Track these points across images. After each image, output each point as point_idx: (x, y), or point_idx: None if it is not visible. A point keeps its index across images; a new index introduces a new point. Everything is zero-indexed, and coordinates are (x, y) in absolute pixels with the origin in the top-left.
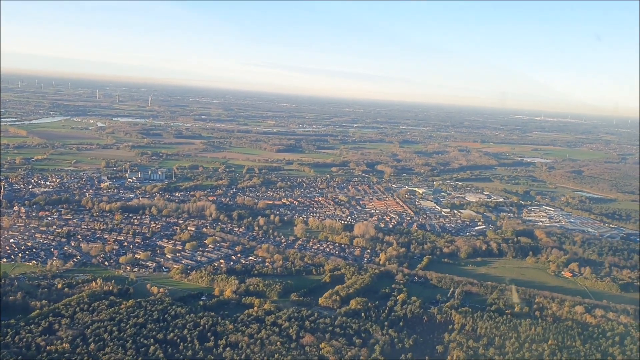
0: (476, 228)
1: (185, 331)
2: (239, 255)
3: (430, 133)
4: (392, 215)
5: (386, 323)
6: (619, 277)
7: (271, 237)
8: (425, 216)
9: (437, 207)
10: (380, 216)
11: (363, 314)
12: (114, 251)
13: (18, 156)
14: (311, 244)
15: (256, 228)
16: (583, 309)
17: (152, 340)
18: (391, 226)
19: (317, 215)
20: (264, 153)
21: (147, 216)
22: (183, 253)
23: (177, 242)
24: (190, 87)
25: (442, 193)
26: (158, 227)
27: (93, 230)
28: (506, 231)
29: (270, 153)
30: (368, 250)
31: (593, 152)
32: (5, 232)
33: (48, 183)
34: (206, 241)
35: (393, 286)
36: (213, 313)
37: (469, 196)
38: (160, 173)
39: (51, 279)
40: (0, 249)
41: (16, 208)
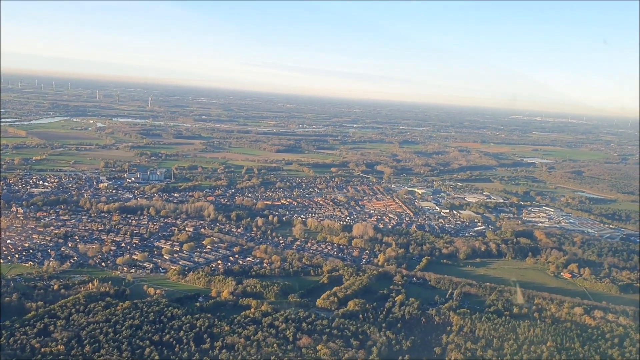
0: (475, 229)
1: (181, 333)
2: (237, 256)
3: (430, 133)
4: (391, 215)
5: (384, 324)
6: (619, 278)
7: (269, 238)
8: (424, 217)
9: (437, 208)
10: (379, 217)
11: (361, 316)
12: (111, 252)
13: (17, 157)
14: (309, 245)
15: (254, 229)
16: (582, 311)
17: (148, 342)
18: (390, 227)
19: (316, 215)
20: (264, 153)
21: (145, 217)
22: (180, 254)
23: (175, 243)
24: (190, 87)
25: (442, 193)
26: (156, 228)
27: (91, 231)
28: (505, 232)
29: (269, 153)
30: (367, 251)
31: (593, 153)
32: (2, 233)
33: (46, 183)
34: (204, 242)
35: (391, 287)
36: (210, 314)
37: (469, 197)
38: (159, 173)
39: (47, 280)
40: None
41: (14, 209)
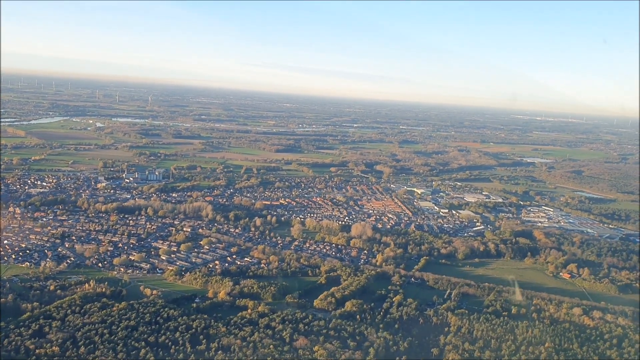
0: (474, 229)
1: (177, 334)
2: (235, 256)
3: (430, 133)
4: (390, 215)
5: (381, 325)
6: (618, 279)
7: (267, 238)
8: (423, 217)
9: (436, 208)
10: (378, 217)
11: (358, 316)
12: (109, 252)
13: (15, 157)
14: (308, 245)
15: (253, 229)
16: (581, 311)
17: (144, 343)
18: (389, 227)
19: (315, 215)
20: (263, 153)
21: (143, 217)
22: (178, 254)
23: (172, 243)
24: (190, 87)
25: (441, 193)
26: (153, 228)
27: (88, 231)
28: (504, 232)
29: (269, 153)
30: (365, 251)
31: (593, 152)
32: None
33: (44, 184)
34: (202, 242)
35: (389, 288)
36: (206, 315)
37: (468, 196)
38: (157, 173)
39: (44, 281)
40: None
41: (11, 209)
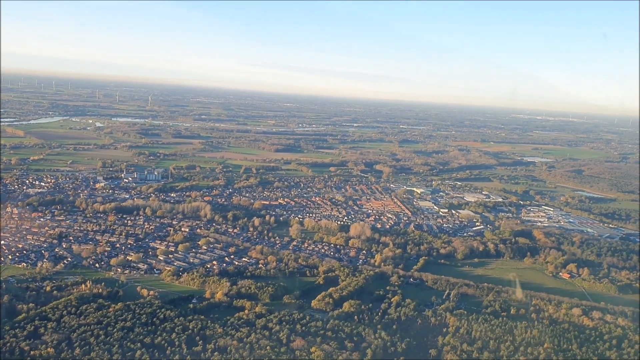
0: (474, 228)
1: (173, 335)
2: (233, 256)
3: (430, 132)
4: (389, 215)
5: (379, 326)
6: (618, 279)
7: (266, 238)
8: (422, 216)
9: (435, 207)
10: (377, 216)
11: (356, 317)
12: (106, 253)
13: (14, 157)
14: (306, 245)
15: (251, 229)
16: (580, 311)
17: (139, 344)
18: (388, 227)
19: (314, 215)
20: (263, 153)
21: (141, 217)
22: (176, 254)
23: (170, 244)
24: (190, 87)
25: (441, 193)
26: (151, 228)
27: (86, 231)
28: (504, 232)
29: (268, 153)
30: (364, 251)
31: (594, 151)
32: None
33: (43, 184)
34: (199, 242)
35: (388, 288)
36: (203, 316)
37: (468, 196)
38: (156, 173)
39: (40, 282)
40: None
41: (9, 209)
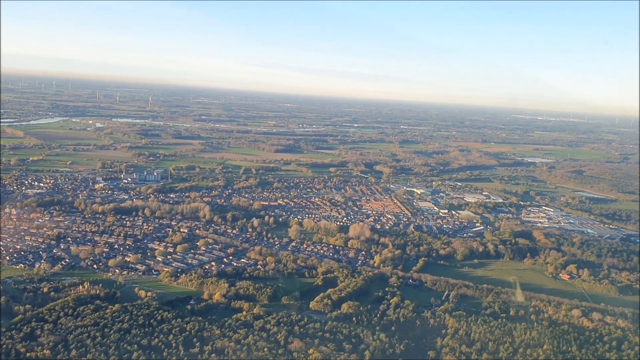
0: (474, 229)
1: (170, 337)
2: (231, 257)
3: (431, 133)
4: (389, 216)
5: (378, 328)
6: (618, 280)
7: (264, 239)
8: (422, 217)
9: (435, 208)
10: (376, 217)
11: (354, 319)
12: (104, 254)
13: (13, 157)
14: (305, 246)
15: (250, 230)
16: (580, 313)
17: (136, 346)
18: (387, 227)
19: (313, 216)
20: (262, 153)
21: (140, 218)
22: (174, 255)
23: (169, 245)
24: (191, 87)
25: (441, 193)
26: (150, 229)
27: (84, 232)
28: (504, 232)
29: (268, 153)
30: (363, 252)
31: (594, 152)
32: None
33: (41, 184)
34: (198, 243)
35: (387, 289)
36: (200, 318)
37: (468, 197)
38: (156, 174)
39: (37, 283)
40: None
41: (7, 210)
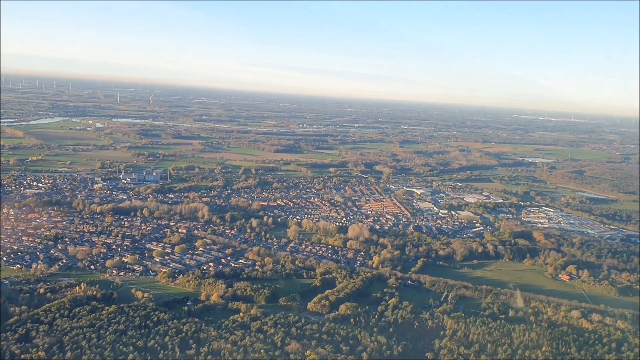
0: (473, 230)
1: (166, 338)
2: (229, 258)
3: (431, 133)
4: (388, 216)
5: (375, 329)
6: (618, 281)
7: (263, 240)
8: (422, 217)
9: (435, 208)
10: (375, 217)
11: (352, 320)
12: (101, 254)
13: (12, 157)
14: (304, 247)
15: (248, 230)
16: (579, 314)
17: (132, 347)
18: (386, 228)
19: (312, 216)
20: (262, 153)
21: (139, 218)
22: (172, 256)
23: (167, 245)
24: (191, 88)
25: (441, 194)
26: (148, 230)
27: (82, 232)
28: (504, 233)
29: (268, 153)
30: (361, 252)
31: (595, 152)
32: None
33: (40, 185)
34: (196, 244)
35: (385, 290)
36: (197, 319)
37: (468, 197)
38: (155, 174)
39: (34, 284)
40: None
41: (5, 210)
